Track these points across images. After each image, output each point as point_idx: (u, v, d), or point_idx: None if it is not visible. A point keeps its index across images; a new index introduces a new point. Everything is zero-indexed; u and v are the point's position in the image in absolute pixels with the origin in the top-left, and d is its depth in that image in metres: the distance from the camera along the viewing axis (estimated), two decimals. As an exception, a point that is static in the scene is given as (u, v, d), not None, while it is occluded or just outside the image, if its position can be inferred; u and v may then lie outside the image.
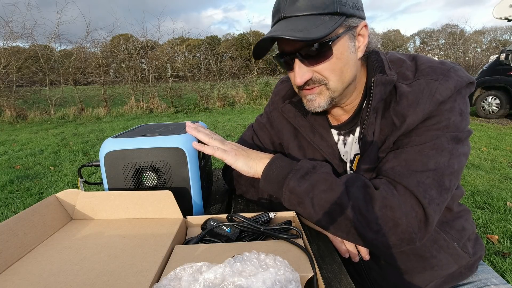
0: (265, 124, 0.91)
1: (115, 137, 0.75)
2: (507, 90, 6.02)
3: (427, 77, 0.63)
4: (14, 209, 2.67)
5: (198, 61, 11.43)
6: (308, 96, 0.68)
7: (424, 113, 0.61)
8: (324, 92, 0.67)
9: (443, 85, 0.61)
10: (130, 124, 7.40)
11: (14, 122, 8.22)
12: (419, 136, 0.62)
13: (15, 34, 8.90)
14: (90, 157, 4.39)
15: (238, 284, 0.39)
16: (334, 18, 0.60)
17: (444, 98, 0.60)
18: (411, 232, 0.57)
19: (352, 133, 0.75)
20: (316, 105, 0.68)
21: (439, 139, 0.60)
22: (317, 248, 0.62)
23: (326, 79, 0.64)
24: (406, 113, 0.62)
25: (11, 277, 0.48)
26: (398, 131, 0.63)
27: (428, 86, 0.62)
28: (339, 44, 0.62)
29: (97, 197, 0.68)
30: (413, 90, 0.63)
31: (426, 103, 0.61)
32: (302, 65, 0.64)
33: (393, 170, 0.61)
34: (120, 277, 0.46)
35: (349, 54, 0.64)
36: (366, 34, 0.66)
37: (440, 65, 0.64)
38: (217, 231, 0.61)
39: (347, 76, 0.65)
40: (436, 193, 0.58)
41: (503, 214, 2.29)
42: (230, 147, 0.72)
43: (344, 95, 0.69)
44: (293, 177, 0.64)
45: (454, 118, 0.61)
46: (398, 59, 0.70)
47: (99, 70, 9.90)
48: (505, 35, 24.73)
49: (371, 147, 0.67)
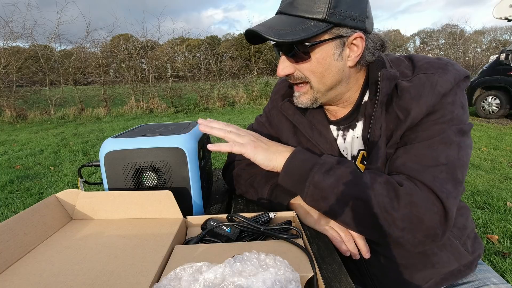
0: (264, 123, 0.93)
1: (115, 137, 0.75)
2: (507, 90, 6.02)
3: (426, 71, 0.65)
4: (14, 209, 2.67)
5: (198, 61, 11.41)
6: (295, 92, 0.74)
7: (427, 105, 0.62)
8: (309, 92, 0.71)
9: (443, 77, 0.63)
10: (130, 124, 7.40)
11: (14, 122, 8.22)
12: (425, 131, 0.62)
13: (15, 34, 8.90)
14: (90, 157, 4.39)
15: (238, 284, 0.39)
16: (319, 24, 0.62)
17: (445, 91, 0.62)
18: (435, 228, 0.57)
19: (352, 128, 0.76)
20: (299, 102, 0.74)
21: (446, 133, 0.61)
22: (317, 248, 0.62)
23: (307, 78, 0.68)
24: (410, 106, 0.63)
25: (11, 277, 0.48)
26: (404, 124, 0.64)
27: (428, 80, 0.63)
28: (320, 49, 0.64)
29: (97, 197, 0.68)
30: (414, 85, 0.64)
31: (429, 96, 0.62)
32: (286, 60, 0.68)
33: (406, 166, 0.62)
34: (120, 277, 0.46)
35: (332, 61, 0.65)
36: (360, 45, 0.65)
37: (437, 60, 0.67)
38: (217, 231, 0.61)
39: (328, 80, 0.68)
40: (452, 186, 0.58)
41: (503, 214, 2.29)
42: (249, 139, 0.70)
43: (331, 96, 0.72)
44: (317, 171, 0.63)
45: (457, 111, 0.62)
46: (396, 59, 0.72)
47: (99, 70, 9.90)
48: (505, 35, 24.75)
49: (379, 142, 0.67)
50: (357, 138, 0.74)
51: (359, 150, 0.74)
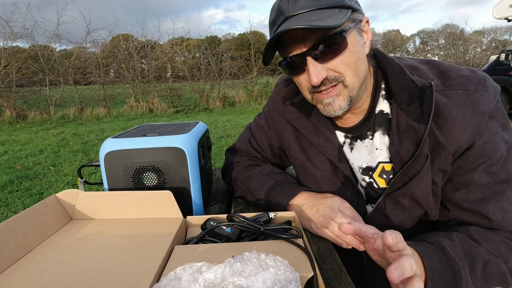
0: (263, 126, 0.89)
1: (115, 137, 0.75)
2: (507, 90, 6.02)
3: (464, 88, 0.60)
4: (14, 209, 2.67)
5: (198, 61, 11.42)
6: (325, 100, 0.65)
7: (472, 127, 0.59)
8: (343, 92, 0.64)
9: (485, 96, 0.59)
10: (130, 124, 7.40)
11: (14, 122, 8.22)
12: (492, 174, 0.61)
13: (15, 34, 8.90)
14: (90, 157, 4.39)
15: (238, 284, 0.39)
16: (342, 10, 0.58)
17: (489, 110, 0.59)
18: None
19: (361, 138, 0.72)
20: (337, 108, 0.65)
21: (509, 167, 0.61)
22: (317, 248, 0.62)
23: (342, 75, 0.62)
24: (452, 129, 0.59)
25: (11, 277, 0.48)
26: (446, 149, 0.61)
27: (469, 98, 0.59)
28: (350, 36, 0.61)
29: (97, 197, 0.68)
30: (454, 103, 0.60)
31: (472, 117, 0.59)
32: (316, 63, 0.61)
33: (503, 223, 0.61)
34: (120, 277, 0.46)
35: (360, 48, 0.62)
36: (369, 30, 0.65)
37: (473, 74, 0.62)
38: (217, 231, 0.61)
39: (361, 71, 0.63)
40: None
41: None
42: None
43: (359, 94, 0.67)
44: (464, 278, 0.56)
45: (504, 137, 0.61)
46: (412, 64, 0.68)
47: (99, 70, 9.90)
48: (505, 35, 24.75)
49: (420, 160, 0.62)
50: (377, 150, 0.70)
51: (378, 162, 0.71)
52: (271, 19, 0.65)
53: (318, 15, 0.57)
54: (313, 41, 0.60)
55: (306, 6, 0.58)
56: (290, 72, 0.68)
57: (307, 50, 0.61)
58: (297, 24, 0.55)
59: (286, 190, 0.75)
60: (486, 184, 0.61)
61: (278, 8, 0.62)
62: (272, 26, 0.65)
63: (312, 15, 0.58)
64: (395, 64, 0.67)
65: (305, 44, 0.60)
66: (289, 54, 0.63)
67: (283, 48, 0.65)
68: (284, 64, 0.66)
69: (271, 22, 0.65)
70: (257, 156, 0.91)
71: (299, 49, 0.61)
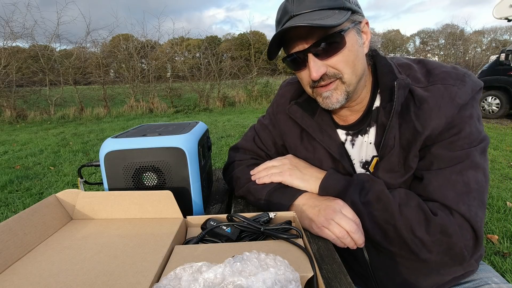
0: (267, 125, 0.92)
1: (115, 137, 0.75)
2: (507, 90, 6.02)
3: (444, 82, 0.65)
4: (14, 209, 2.67)
5: (198, 61, 11.42)
6: (324, 93, 0.70)
7: (447, 117, 0.63)
8: (340, 87, 0.68)
9: (461, 89, 0.63)
10: (130, 124, 7.40)
11: (14, 122, 8.22)
12: (451, 151, 0.64)
13: (15, 34, 8.90)
14: (90, 157, 4.39)
15: (238, 284, 0.39)
16: (342, 12, 0.63)
17: (464, 102, 0.63)
18: (465, 252, 0.61)
19: (361, 133, 0.76)
20: (334, 101, 0.70)
21: (473, 156, 0.63)
22: (317, 248, 0.62)
23: (340, 72, 0.67)
24: (429, 118, 0.64)
25: (11, 277, 0.48)
26: (422, 135, 0.65)
27: (447, 91, 0.64)
28: (349, 36, 0.65)
29: (97, 197, 0.68)
30: (433, 95, 0.65)
31: (447, 107, 0.63)
32: (317, 60, 0.66)
33: (439, 193, 0.63)
34: (120, 277, 0.46)
35: (358, 47, 0.67)
36: (368, 31, 0.70)
37: (454, 70, 0.67)
38: (217, 231, 0.61)
39: (359, 69, 0.68)
40: (482, 212, 0.62)
41: (503, 214, 2.29)
42: (286, 167, 0.78)
43: (357, 90, 0.71)
44: (353, 191, 0.67)
45: (476, 125, 0.64)
46: (405, 63, 0.73)
47: (99, 70, 9.90)
48: (505, 35, 24.74)
49: (392, 151, 0.69)
50: (370, 144, 0.75)
51: (373, 157, 0.75)
52: (277, 18, 0.70)
53: (320, 15, 0.62)
54: (315, 39, 0.64)
55: (309, 7, 0.64)
56: (293, 67, 0.72)
57: (309, 47, 0.65)
58: (300, 22, 0.60)
59: (288, 191, 0.76)
60: (452, 183, 0.63)
61: (284, 8, 0.67)
62: (278, 24, 0.70)
63: (314, 15, 0.63)
64: (384, 63, 0.72)
65: (307, 41, 0.65)
66: (292, 51, 0.69)
67: (287, 45, 0.70)
68: (288, 60, 0.71)
69: (277, 20, 0.70)
70: (261, 154, 0.94)
71: (302, 46, 0.66)
